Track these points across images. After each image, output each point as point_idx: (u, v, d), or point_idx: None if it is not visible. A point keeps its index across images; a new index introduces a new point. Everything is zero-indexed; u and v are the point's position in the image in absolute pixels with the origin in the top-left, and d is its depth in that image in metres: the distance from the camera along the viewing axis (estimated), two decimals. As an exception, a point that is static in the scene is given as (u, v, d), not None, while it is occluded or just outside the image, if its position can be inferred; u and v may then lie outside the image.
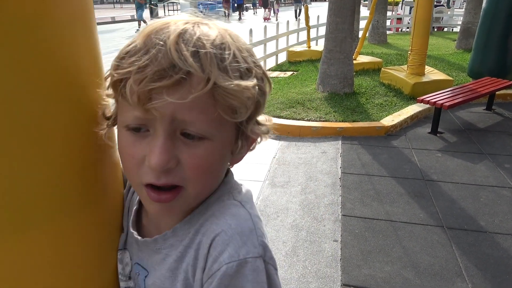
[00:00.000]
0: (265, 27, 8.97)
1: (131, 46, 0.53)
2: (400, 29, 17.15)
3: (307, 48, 9.97)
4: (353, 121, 5.27)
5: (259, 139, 0.64)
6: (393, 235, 3.04)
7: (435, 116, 5.10)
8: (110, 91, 0.57)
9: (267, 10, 27.20)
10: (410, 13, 16.64)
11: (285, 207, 3.45)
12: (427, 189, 3.73)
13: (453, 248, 2.87)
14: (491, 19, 6.47)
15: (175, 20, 0.54)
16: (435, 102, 4.92)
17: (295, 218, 3.28)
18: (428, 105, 5.36)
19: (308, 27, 9.65)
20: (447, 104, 4.80)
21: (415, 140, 4.95)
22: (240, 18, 27.79)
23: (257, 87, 0.55)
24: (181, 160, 0.53)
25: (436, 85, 6.12)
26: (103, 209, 0.64)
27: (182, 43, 0.50)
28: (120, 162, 0.64)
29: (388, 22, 14.44)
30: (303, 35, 11.12)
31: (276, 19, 25.29)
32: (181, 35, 0.50)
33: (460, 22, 12.63)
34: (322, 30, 12.48)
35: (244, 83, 0.52)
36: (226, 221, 0.58)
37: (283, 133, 5.14)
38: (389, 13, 15.11)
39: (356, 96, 6.29)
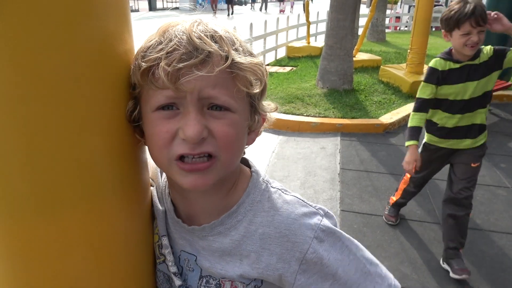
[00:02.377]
0: (266, 21, 8.94)
1: (152, 41, 0.60)
2: (398, 28, 17.16)
3: (306, 44, 9.97)
4: (352, 118, 5.30)
5: (266, 124, 0.73)
6: (390, 231, 3.09)
7: (433, 115, 5.14)
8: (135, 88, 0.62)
9: (282, 3, 27.48)
10: (409, 11, 16.68)
11: (285, 201, 3.47)
12: (425, 186, 3.76)
13: (450, 245, 2.91)
14: (491, 20, 6.51)
15: (182, 19, 0.62)
16: (434, 101, 4.95)
17: (294, 212, 3.30)
18: (426, 104, 5.40)
19: (308, 23, 9.64)
20: (446, 103, 4.84)
21: (413, 138, 4.99)
22: (229, 14, 24.89)
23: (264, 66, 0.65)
24: (212, 130, 0.59)
25: (435, 84, 6.16)
26: (132, 196, 0.66)
27: (199, 31, 0.58)
28: (148, 157, 0.67)
29: (386, 21, 14.45)
30: (302, 31, 11.11)
31: (291, 12, 25.43)
32: (196, 26, 0.59)
33: (458, 22, 12.66)
34: (322, 26, 12.50)
35: (255, 59, 0.62)
36: (287, 210, 0.68)
37: (282, 128, 5.16)
38: (388, 12, 15.10)
39: (355, 93, 6.32)
